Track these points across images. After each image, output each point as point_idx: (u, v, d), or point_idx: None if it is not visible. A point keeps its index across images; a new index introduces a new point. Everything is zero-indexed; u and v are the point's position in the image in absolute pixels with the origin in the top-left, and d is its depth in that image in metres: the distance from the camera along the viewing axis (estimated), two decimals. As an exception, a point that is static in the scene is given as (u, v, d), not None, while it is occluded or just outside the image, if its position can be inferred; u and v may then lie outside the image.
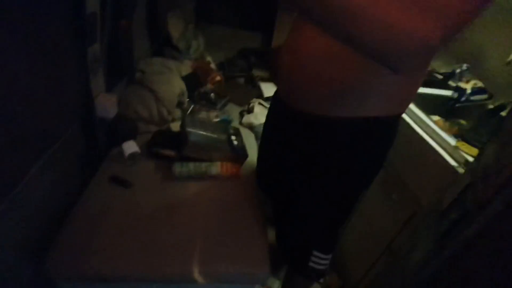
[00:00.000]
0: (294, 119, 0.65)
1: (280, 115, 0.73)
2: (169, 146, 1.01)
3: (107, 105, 0.92)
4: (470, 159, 0.73)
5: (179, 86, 1.24)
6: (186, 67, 1.48)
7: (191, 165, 0.96)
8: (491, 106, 0.99)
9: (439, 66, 1.22)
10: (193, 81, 1.45)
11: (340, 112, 0.57)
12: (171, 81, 1.21)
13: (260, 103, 1.54)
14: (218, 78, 1.65)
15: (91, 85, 0.87)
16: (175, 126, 1.19)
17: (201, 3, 2.05)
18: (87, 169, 0.93)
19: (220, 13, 2.13)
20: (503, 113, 0.88)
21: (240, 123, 1.37)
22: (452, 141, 0.79)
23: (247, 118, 1.35)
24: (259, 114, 1.36)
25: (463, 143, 0.77)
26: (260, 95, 1.62)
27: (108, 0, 0.85)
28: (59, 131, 0.79)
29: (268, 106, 1.51)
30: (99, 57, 0.87)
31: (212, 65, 1.75)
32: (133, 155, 0.97)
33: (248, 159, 1.08)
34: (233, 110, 1.46)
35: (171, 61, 1.39)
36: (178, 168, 0.94)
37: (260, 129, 1.32)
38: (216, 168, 0.98)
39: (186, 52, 1.76)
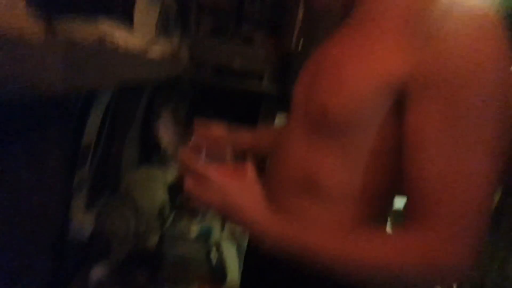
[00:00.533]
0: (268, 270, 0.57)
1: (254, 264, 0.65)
2: (142, 269, 0.95)
3: (83, 226, 0.90)
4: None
5: (161, 198, 1.26)
6: (172, 174, 1.54)
7: (165, 293, 0.88)
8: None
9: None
10: (177, 189, 1.48)
11: None
12: (154, 194, 1.24)
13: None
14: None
15: (72, 205, 0.87)
16: (153, 242, 1.14)
17: (190, 111, 2.30)
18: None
19: (211, 112, 2.36)
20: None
21: (222, 230, 1.34)
22: None
23: (229, 227, 1.33)
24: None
25: None
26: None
27: (104, 129, 0.95)
28: (26, 258, 0.73)
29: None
30: (86, 178, 0.91)
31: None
32: (101, 281, 0.89)
33: (228, 277, 1.01)
34: (215, 218, 1.45)
35: (157, 169, 1.46)
36: (150, 297, 0.86)
37: (243, 239, 1.29)
38: (192, 294, 0.90)
39: (174, 158, 1.87)
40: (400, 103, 0.38)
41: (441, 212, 0.34)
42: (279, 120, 1.78)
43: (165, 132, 1.77)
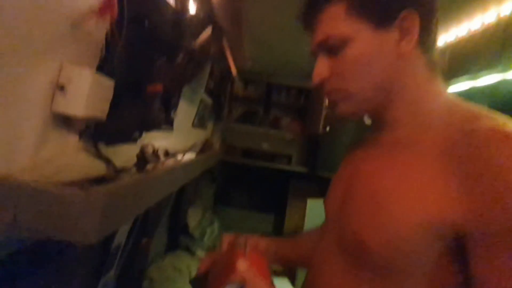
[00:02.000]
0: None
1: None
2: None
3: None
4: None
5: (185, 295, 1.16)
6: (197, 263, 1.45)
7: None
8: None
9: None
10: (201, 284, 1.37)
11: None
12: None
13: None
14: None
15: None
16: None
17: (219, 189, 2.32)
18: None
19: (236, 197, 2.37)
20: None
21: None
22: None
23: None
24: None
25: None
26: (273, 293, 1.47)
27: (136, 228, 0.95)
28: None
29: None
30: (110, 283, 0.87)
31: (224, 256, 1.72)
32: None
33: None
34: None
35: (183, 259, 1.39)
36: None
37: None
38: None
39: (200, 239, 1.80)
40: (457, 247, 0.34)
41: None
42: (310, 203, 1.70)
43: (193, 218, 1.75)
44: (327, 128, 1.50)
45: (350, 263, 0.44)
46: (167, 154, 0.87)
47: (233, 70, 1.00)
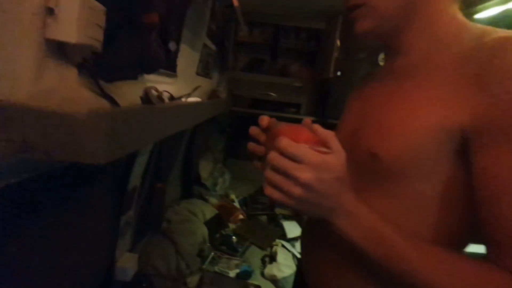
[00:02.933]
0: None
1: None
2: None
3: (127, 267, 0.91)
4: None
5: (201, 234, 1.25)
6: (211, 209, 1.54)
7: None
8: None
9: None
10: (216, 224, 1.47)
11: None
12: (194, 230, 1.23)
13: (283, 245, 1.47)
14: (240, 216, 1.67)
15: (117, 248, 0.89)
16: (193, 280, 1.12)
17: (229, 143, 2.35)
18: None
19: (245, 149, 2.41)
20: None
21: (262, 275, 1.26)
22: None
23: (269, 269, 1.25)
24: (283, 265, 1.27)
25: None
26: (283, 235, 1.57)
27: (149, 171, 0.99)
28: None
29: (291, 249, 1.44)
30: (131, 221, 0.94)
31: (236, 203, 1.82)
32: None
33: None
34: (254, 255, 1.39)
35: (197, 204, 1.47)
36: None
37: (284, 284, 1.20)
38: None
39: (213, 189, 1.89)
40: (463, 150, 0.37)
41: None
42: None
43: (205, 169, 1.81)
44: (338, 73, 1.43)
45: (361, 175, 0.45)
46: (172, 98, 0.86)
47: (235, 2, 0.92)
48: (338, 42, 1.35)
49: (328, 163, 0.36)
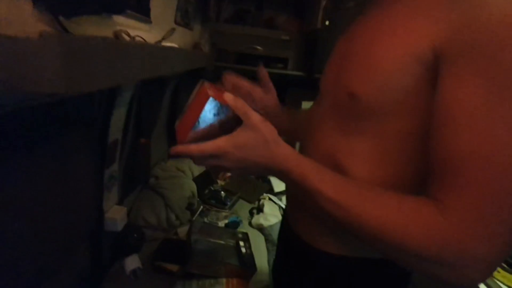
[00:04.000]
0: (298, 249, 0.61)
1: (287, 241, 0.69)
2: (173, 259, 0.97)
3: (117, 218, 0.94)
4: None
5: (190, 189, 1.28)
6: (198, 168, 1.56)
7: (194, 285, 0.89)
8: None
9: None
10: (205, 180, 1.50)
11: (343, 250, 0.53)
12: (183, 185, 1.26)
13: (270, 199, 1.53)
14: (229, 174, 1.71)
15: (104, 201, 0.91)
16: (183, 231, 1.17)
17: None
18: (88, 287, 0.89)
19: None
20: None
21: (250, 224, 1.33)
22: None
23: (256, 219, 1.32)
24: (269, 215, 1.33)
25: None
26: (270, 189, 1.63)
27: (130, 126, 0.97)
28: (66, 251, 0.78)
29: (278, 202, 1.50)
30: (116, 175, 0.94)
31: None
32: (135, 271, 0.92)
33: (258, 270, 1.00)
34: (243, 209, 1.45)
35: (185, 161, 1.48)
36: (180, 288, 0.88)
37: (270, 231, 1.27)
38: (221, 286, 0.90)
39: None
40: (434, 79, 0.34)
41: (469, 192, 0.29)
42: (305, 106, 1.70)
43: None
44: (327, 22, 1.36)
45: (342, 116, 0.46)
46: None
47: None
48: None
49: (241, 142, 0.41)
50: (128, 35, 0.72)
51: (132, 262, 0.93)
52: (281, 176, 0.44)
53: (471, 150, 0.29)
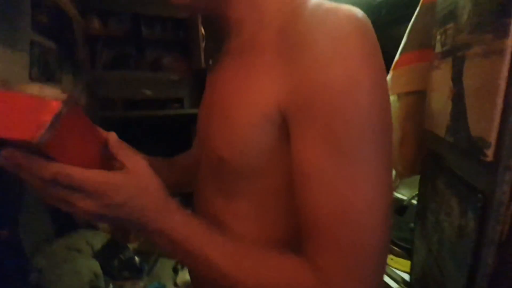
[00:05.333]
0: None
1: None
2: None
3: None
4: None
5: (90, 270, 1.04)
6: (102, 235, 1.31)
7: None
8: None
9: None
10: (111, 250, 1.27)
11: None
12: (79, 269, 1.02)
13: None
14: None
15: None
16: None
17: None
18: None
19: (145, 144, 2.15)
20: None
21: (175, 285, 1.18)
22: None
23: (181, 277, 1.18)
24: (195, 267, 1.21)
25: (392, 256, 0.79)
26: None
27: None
28: None
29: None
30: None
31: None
32: None
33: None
34: (164, 268, 1.28)
35: (81, 237, 1.22)
36: None
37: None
38: None
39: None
40: (287, 137, 0.34)
41: (333, 251, 0.30)
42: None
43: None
44: (210, 61, 1.41)
45: (216, 176, 0.43)
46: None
47: None
48: (203, 30, 1.32)
49: (114, 185, 0.31)
50: None
51: None
52: (158, 236, 0.35)
53: (328, 211, 0.30)
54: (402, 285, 0.72)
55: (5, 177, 0.87)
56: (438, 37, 0.47)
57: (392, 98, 0.72)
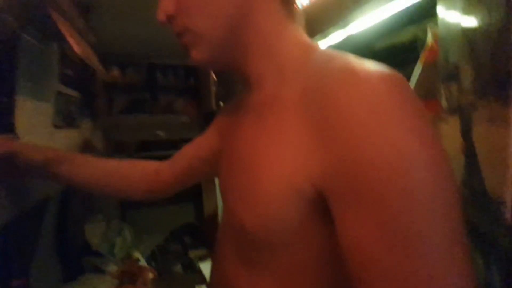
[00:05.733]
0: None
1: None
2: None
3: None
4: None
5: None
6: (109, 282, 1.27)
7: None
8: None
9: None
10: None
11: None
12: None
13: (205, 292, 1.35)
14: (151, 276, 1.45)
15: None
16: None
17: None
18: None
19: None
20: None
21: None
22: None
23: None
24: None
25: None
26: (202, 279, 1.45)
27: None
28: None
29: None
30: None
31: (142, 261, 1.57)
32: None
33: None
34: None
35: (88, 282, 1.18)
36: None
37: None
38: None
39: (110, 254, 1.58)
40: (324, 208, 0.29)
41: None
42: (217, 181, 1.71)
43: (93, 234, 1.51)
44: (221, 103, 1.48)
45: (242, 247, 0.39)
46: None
47: (76, 49, 0.82)
48: (214, 76, 1.41)
49: None
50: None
51: None
52: None
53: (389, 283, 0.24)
54: None
55: (21, 228, 0.89)
56: (443, 92, 0.49)
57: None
